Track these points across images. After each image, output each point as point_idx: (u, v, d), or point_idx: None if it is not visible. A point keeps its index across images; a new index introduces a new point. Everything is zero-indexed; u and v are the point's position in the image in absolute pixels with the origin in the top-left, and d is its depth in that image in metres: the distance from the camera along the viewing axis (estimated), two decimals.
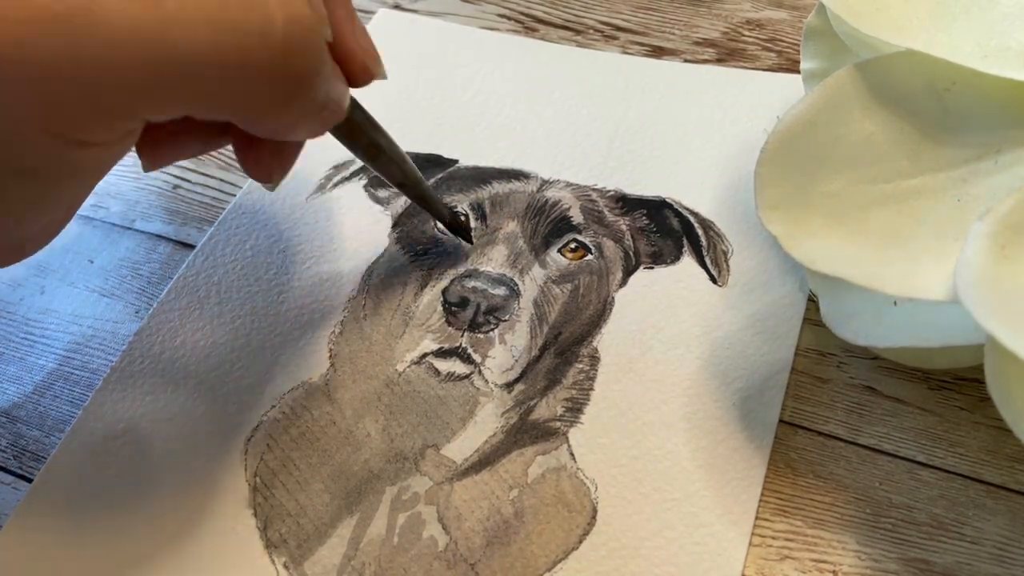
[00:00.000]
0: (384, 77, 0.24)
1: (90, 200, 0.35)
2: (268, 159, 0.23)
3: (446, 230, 0.31)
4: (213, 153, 0.36)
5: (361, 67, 0.23)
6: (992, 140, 0.23)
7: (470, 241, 0.31)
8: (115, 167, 0.36)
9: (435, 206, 0.29)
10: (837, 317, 0.25)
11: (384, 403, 0.28)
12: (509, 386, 0.28)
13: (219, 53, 0.18)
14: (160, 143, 0.22)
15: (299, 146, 0.25)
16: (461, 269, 0.30)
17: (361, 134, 0.26)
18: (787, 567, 0.24)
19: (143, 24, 0.17)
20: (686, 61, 0.36)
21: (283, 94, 0.19)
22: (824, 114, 0.24)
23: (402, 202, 0.33)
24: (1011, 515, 0.24)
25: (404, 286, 0.30)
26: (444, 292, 0.29)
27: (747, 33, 0.37)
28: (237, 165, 0.35)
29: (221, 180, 0.35)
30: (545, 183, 0.33)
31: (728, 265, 0.30)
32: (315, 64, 0.20)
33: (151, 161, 0.22)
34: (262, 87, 0.19)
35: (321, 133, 0.23)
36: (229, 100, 0.19)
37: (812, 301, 0.28)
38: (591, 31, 0.38)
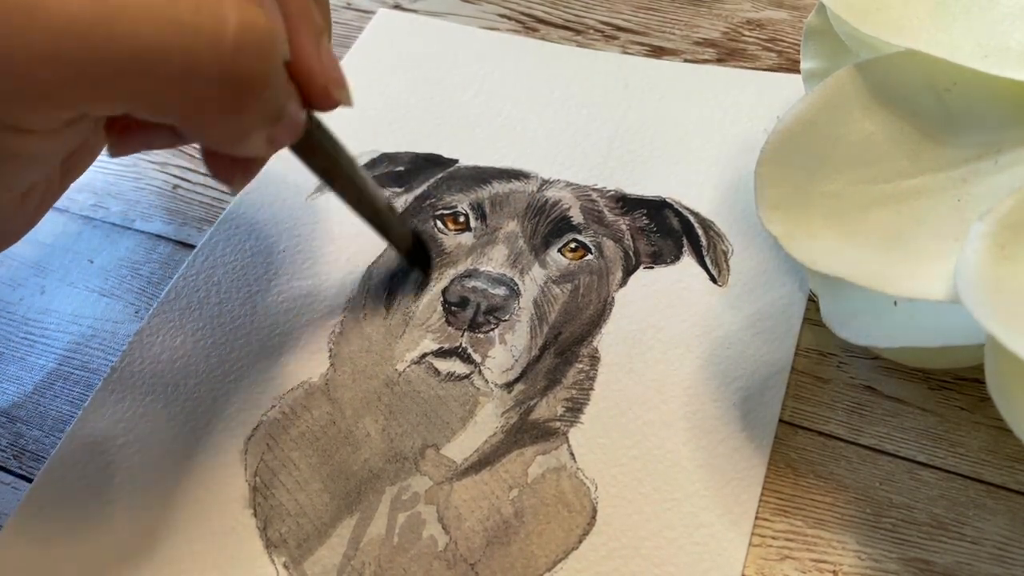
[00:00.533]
0: (349, 104, 0.23)
1: (90, 200, 0.35)
2: (230, 163, 0.22)
3: (447, 230, 0.31)
4: None
5: (322, 90, 0.22)
6: (992, 140, 0.23)
7: (428, 274, 0.30)
8: (115, 167, 0.36)
9: (393, 237, 0.29)
10: (837, 317, 0.25)
11: (384, 403, 0.28)
12: (509, 386, 0.28)
13: (163, 52, 0.17)
14: (129, 130, 0.21)
15: (262, 159, 0.24)
16: (461, 269, 0.30)
17: (316, 156, 0.25)
18: (787, 567, 0.24)
19: (84, 15, 0.16)
20: (686, 61, 0.36)
21: (229, 102, 0.19)
22: (824, 114, 0.24)
23: (402, 202, 0.33)
24: (1011, 515, 0.24)
25: (404, 286, 0.30)
26: (444, 292, 0.29)
27: (747, 33, 0.37)
28: None
29: None
30: (545, 183, 0.33)
31: (728, 265, 0.30)
32: (265, 74, 0.19)
33: (116, 148, 0.22)
34: (207, 92, 0.18)
35: (271, 152, 0.22)
36: (171, 102, 0.18)
37: (812, 301, 0.28)
38: (591, 31, 0.38)
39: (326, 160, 0.25)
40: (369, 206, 0.27)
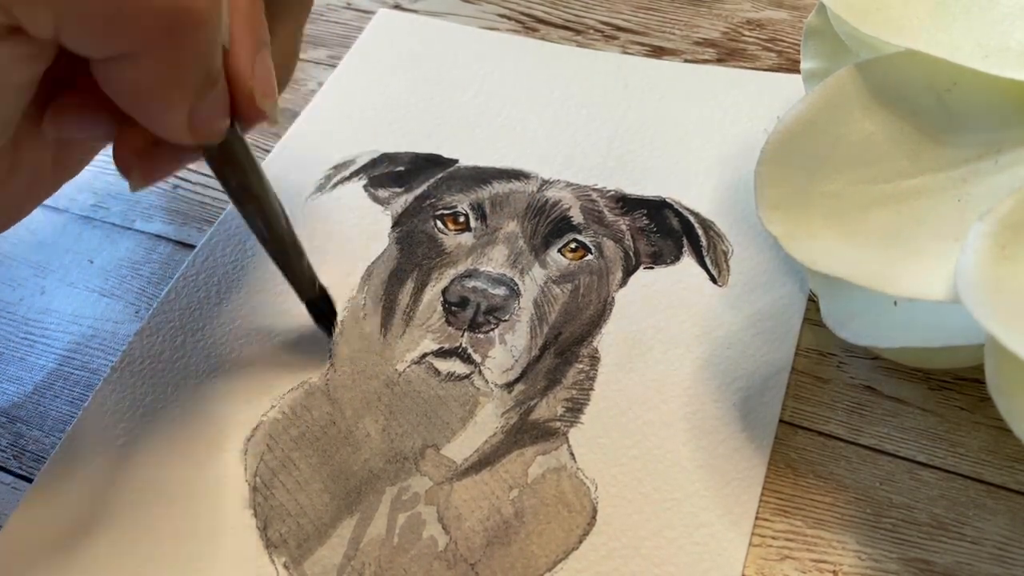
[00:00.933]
0: (274, 121, 0.22)
1: (90, 200, 0.35)
2: (134, 154, 0.22)
3: (447, 230, 0.31)
4: None
5: (248, 96, 0.21)
6: (992, 140, 0.23)
7: (330, 332, 0.29)
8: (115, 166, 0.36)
9: (297, 279, 0.27)
10: (837, 317, 0.25)
11: (384, 403, 0.28)
12: (509, 386, 0.28)
13: None
14: (65, 110, 0.21)
15: (171, 160, 0.23)
16: (461, 269, 0.30)
17: (233, 171, 0.24)
18: (787, 567, 0.24)
19: None
20: (686, 61, 0.36)
21: (162, 34, 0.18)
22: (824, 114, 0.24)
23: (402, 202, 0.33)
24: (1011, 515, 0.24)
25: (404, 286, 0.30)
26: (444, 292, 0.29)
27: (747, 33, 0.37)
28: None
29: None
30: (545, 183, 0.33)
31: (728, 265, 0.30)
32: (205, 12, 0.19)
33: (52, 124, 0.21)
34: (143, 16, 0.18)
35: (188, 138, 0.21)
36: (104, 20, 0.18)
37: (812, 301, 0.28)
38: (591, 31, 0.38)
39: (241, 177, 0.24)
40: (278, 240, 0.26)
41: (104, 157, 0.36)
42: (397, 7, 0.40)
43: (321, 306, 0.28)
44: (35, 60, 0.20)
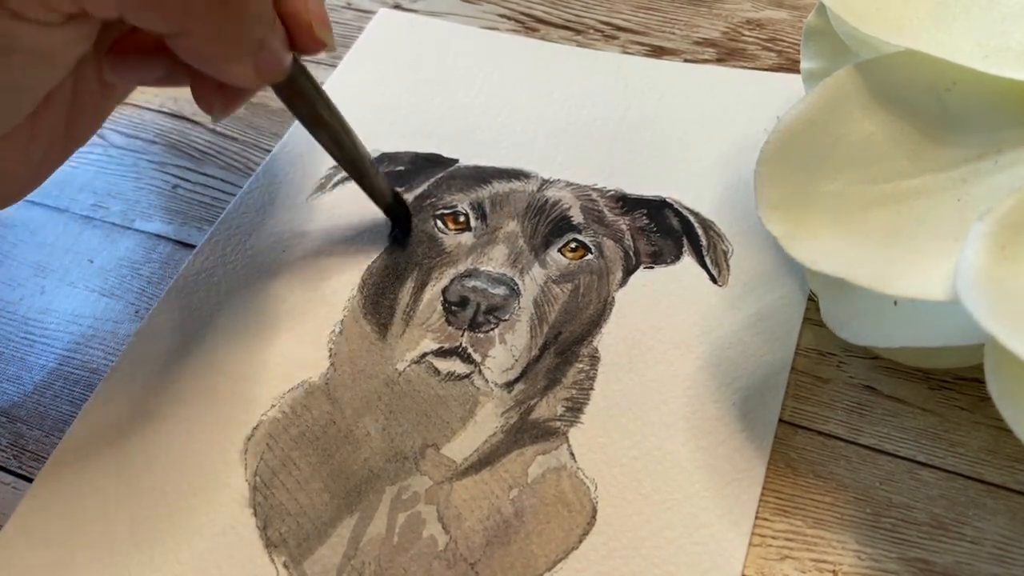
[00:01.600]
0: (332, 47, 0.24)
1: (90, 200, 0.35)
2: (215, 89, 0.24)
3: (447, 229, 0.31)
4: (212, 153, 0.36)
5: (307, 28, 0.23)
6: (992, 140, 0.23)
7: (407, 233, 0.31)
8: (115, 167, 0.36)
9: (375, 190, 0.30)
10: (837, 317, 0.25)
11: (384, 403, 0.28)
12: (509, 386, 0.28)
13: None
14: (126, 55, 0.23)
15: (245, 93, 0.25)
16: (461, 268, 0.30)
17: (302, 101, 0.26)
18: (787, 567, 0.24)
19: None
20: (686, 61, 0.36)
21: (213, 8, 0.20)
22: (824, 114, 0.24)
23: None
24: (1011, 515, 0.24)
25: (404, 286, 0.30)
26: (444, 292, 0.29)
27: (747, 33, 0.37)
28: (237, 165, 0.35)
29: (221, 180, 0.35)
30: (545, 183, 0.33)
31: (728, 265, 0.30)
32: None
33: (113, 70, 0.23)
34: None
35: (257, 83, 0.23)
36: (155, 1, 0.19)
37: (812, 301, 0.28)
38: (591, 31, 0.38)
39: (309, 107, 0.27)
40: (349, 157, 0.29)
41: (104, 157, 0.37)
42: (397, 7, 0.40)
43: (398, 211, 0.31)
44: (85, 41, 0.21)
